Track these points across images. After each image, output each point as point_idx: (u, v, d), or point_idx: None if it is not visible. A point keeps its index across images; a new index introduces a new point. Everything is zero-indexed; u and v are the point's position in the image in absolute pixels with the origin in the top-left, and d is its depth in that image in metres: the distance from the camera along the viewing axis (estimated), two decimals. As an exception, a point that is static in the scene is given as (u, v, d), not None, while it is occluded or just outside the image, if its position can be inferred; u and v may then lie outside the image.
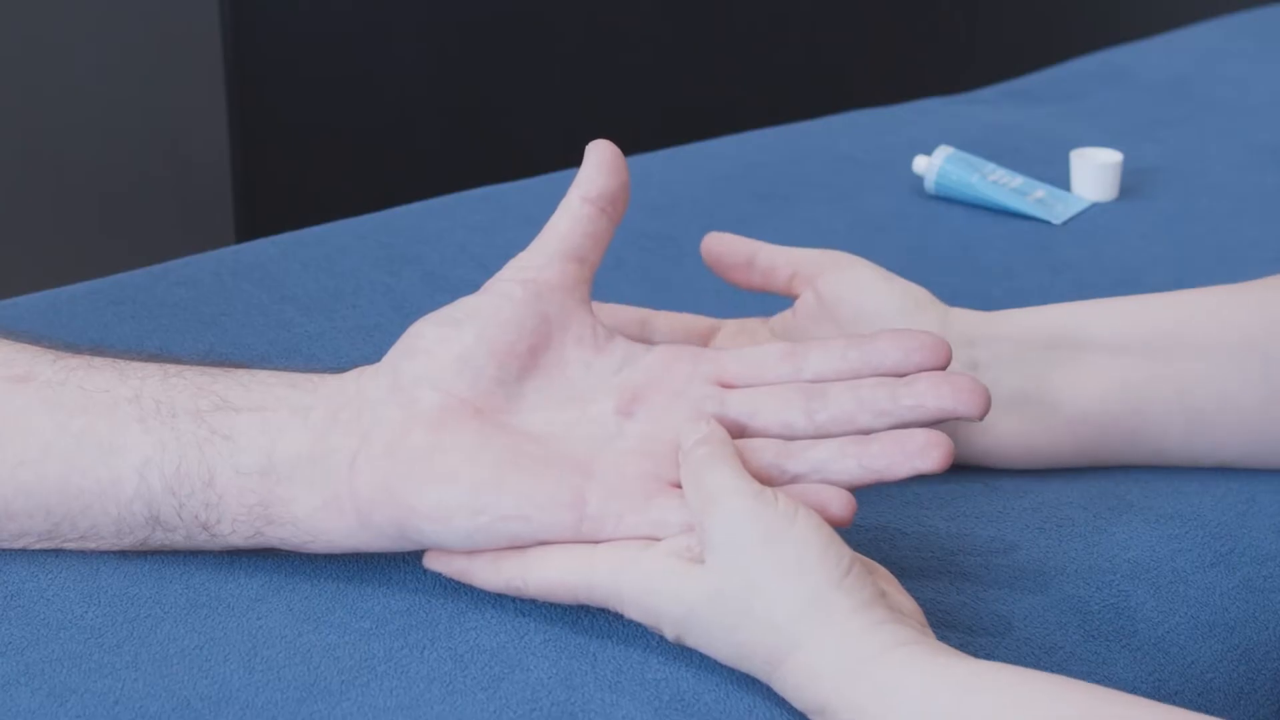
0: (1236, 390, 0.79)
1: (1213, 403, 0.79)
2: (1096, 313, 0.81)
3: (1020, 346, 0.80)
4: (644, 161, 1.19)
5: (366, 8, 1.88)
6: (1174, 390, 0.79)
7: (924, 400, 0.69)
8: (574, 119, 2.02)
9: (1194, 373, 0.79)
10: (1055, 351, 0.80)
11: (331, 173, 1.92)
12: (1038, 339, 0.80)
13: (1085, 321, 0.81)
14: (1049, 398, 0.79)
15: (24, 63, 1.85)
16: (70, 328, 0.91)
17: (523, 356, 0.71)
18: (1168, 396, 0.80)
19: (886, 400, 0.70)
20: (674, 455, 0.69)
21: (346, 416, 0.70)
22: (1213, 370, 0.79)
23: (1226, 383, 0.79)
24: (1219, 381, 0.79)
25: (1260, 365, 0.79)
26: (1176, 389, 0.79)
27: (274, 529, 0.70)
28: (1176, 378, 0.79)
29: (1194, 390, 0.79)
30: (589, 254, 0.73)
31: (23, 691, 0.65)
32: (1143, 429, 0.80)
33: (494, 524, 0.68)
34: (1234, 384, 0.79)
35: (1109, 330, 0.80)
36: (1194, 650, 0.74)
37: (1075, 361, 0.80)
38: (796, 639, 0.63)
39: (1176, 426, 0.80)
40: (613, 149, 0.73)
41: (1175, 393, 0.79)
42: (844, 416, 0.70)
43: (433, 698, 0.66)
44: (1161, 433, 0.80)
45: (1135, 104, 1.36)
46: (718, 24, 2.13)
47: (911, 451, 0.68)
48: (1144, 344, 0.80)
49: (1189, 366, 0.79)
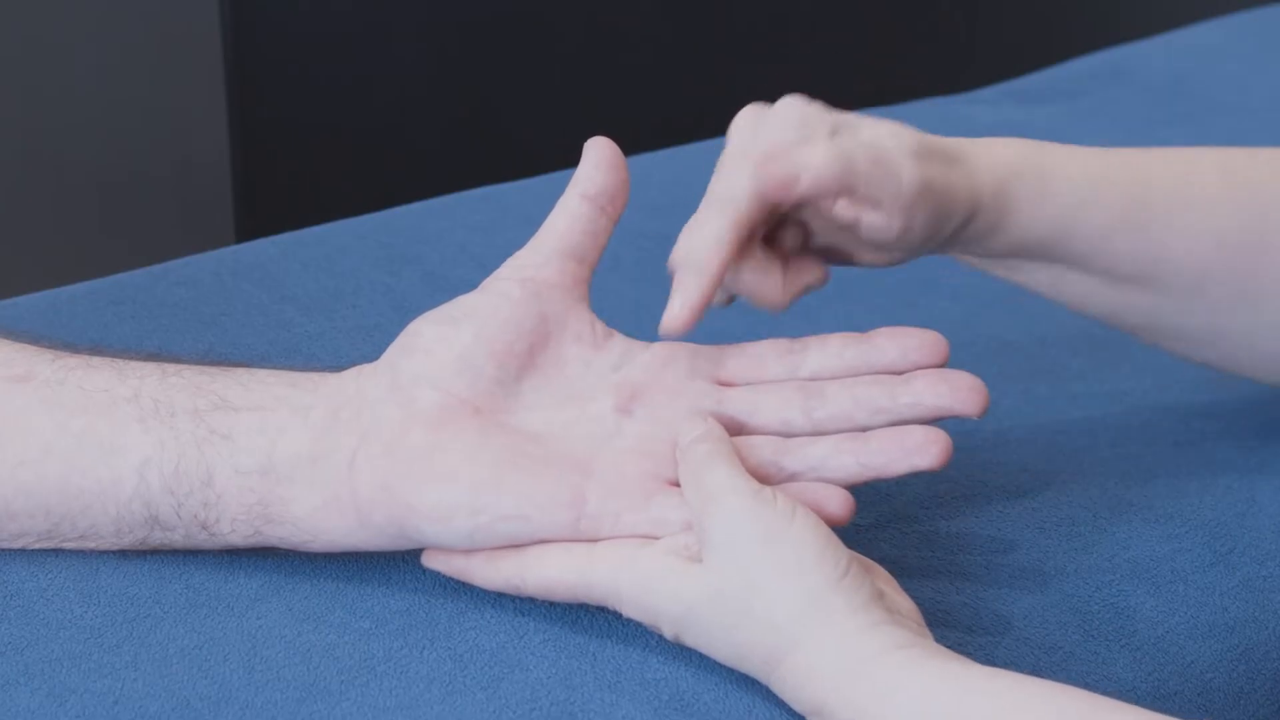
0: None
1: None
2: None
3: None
4: (644, 161, 1.19)
5: (367, 8, 1.88)
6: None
7: (922, 398, 0.69)
8: (574, 119, 2.02)
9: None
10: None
11: (331, 173, 1.92)
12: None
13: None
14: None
15: (24, 63, 1.85)
16: (70, 328, 0.91)
17: (521, 356, 0.71)
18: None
19: (884, 398, 0.70)
20: (672, 454, 0.69)
21: (346, 415, 0.70)
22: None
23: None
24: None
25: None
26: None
27: (273, 528, 0.70)
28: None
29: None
30: (588, 252, 0.73)
31: (22, 691, 0.65)
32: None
33: (493, 523, 0.68)
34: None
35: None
36: (1194, 650, 0.74)
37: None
38: (795, 639, 0.63)
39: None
40: (611, 146, 0.73)
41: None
42: (842, 414, 0.70)
43: (432, 698, 0.66)
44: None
45: (1135, 104, 1.36)
46: (718, 24, 2.13)
47: (909, 448, 0.68)
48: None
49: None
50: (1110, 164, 0.78)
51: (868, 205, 0.71)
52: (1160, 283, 0.78)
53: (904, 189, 0.71)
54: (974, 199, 0.74)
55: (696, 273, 0.69)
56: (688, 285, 0.69)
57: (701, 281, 0.69)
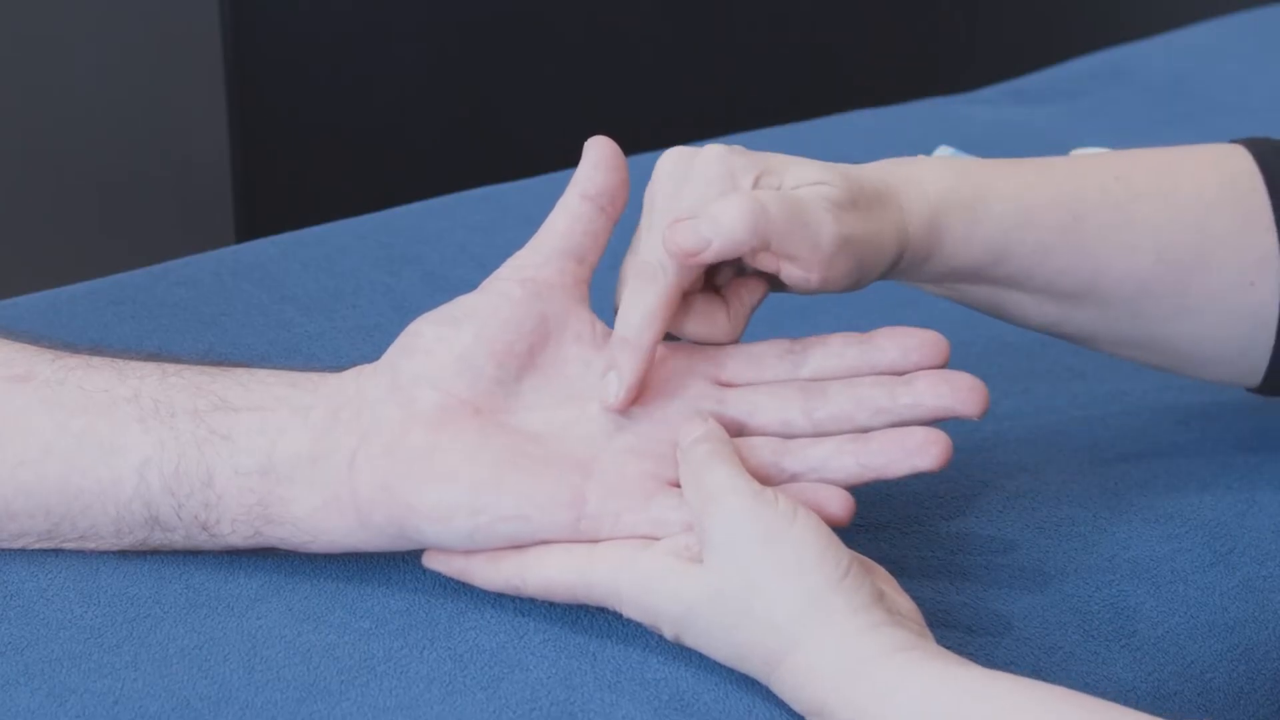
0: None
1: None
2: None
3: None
4: (644, 161, 1.18)
5: (367, 8, 1.88)
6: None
7: (922, 399, 0.69)
8: (574, 119, 2.02)
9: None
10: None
11: (331, 173, 1.92)
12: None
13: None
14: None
15: (24, 63, 1.85)
16: (70, 328, 0.91)
17: (522, 356, 0.71)
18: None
19: (885, 399, 0.70)
20: (673, 454, 0.69)
21: (346, 416, 0.70)
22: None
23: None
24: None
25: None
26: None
27: (273, 529, 0.70)
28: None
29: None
30: (588, 252, 0.73)
31: (22, 691, 0.65)
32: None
33: (493, 524, 0.68)
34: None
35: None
36: (1194, 650, 0.74)
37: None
38: (795, 639, 0.63)
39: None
40: (611, 146, 0.73)
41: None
42: (842, 415, 0.70)
43: (432, 698, 0.66)
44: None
45: (1135, 104, 1.36)
46: (718, 24, 2.13)
47: (910, 449, 0.68)
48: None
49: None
50: (1043, 181, 0.77)
51: (785, 258, 0.71)
52: (1099, 297, 0.77)
53: (822, 244, 0.70)
54: (901, 240, 0.73)
55: (631, 352, 0.69)
56: (622, 365, 0.70)
57: (635, 359, 0.69)
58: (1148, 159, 0.79)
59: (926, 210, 0.74)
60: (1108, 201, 0.76)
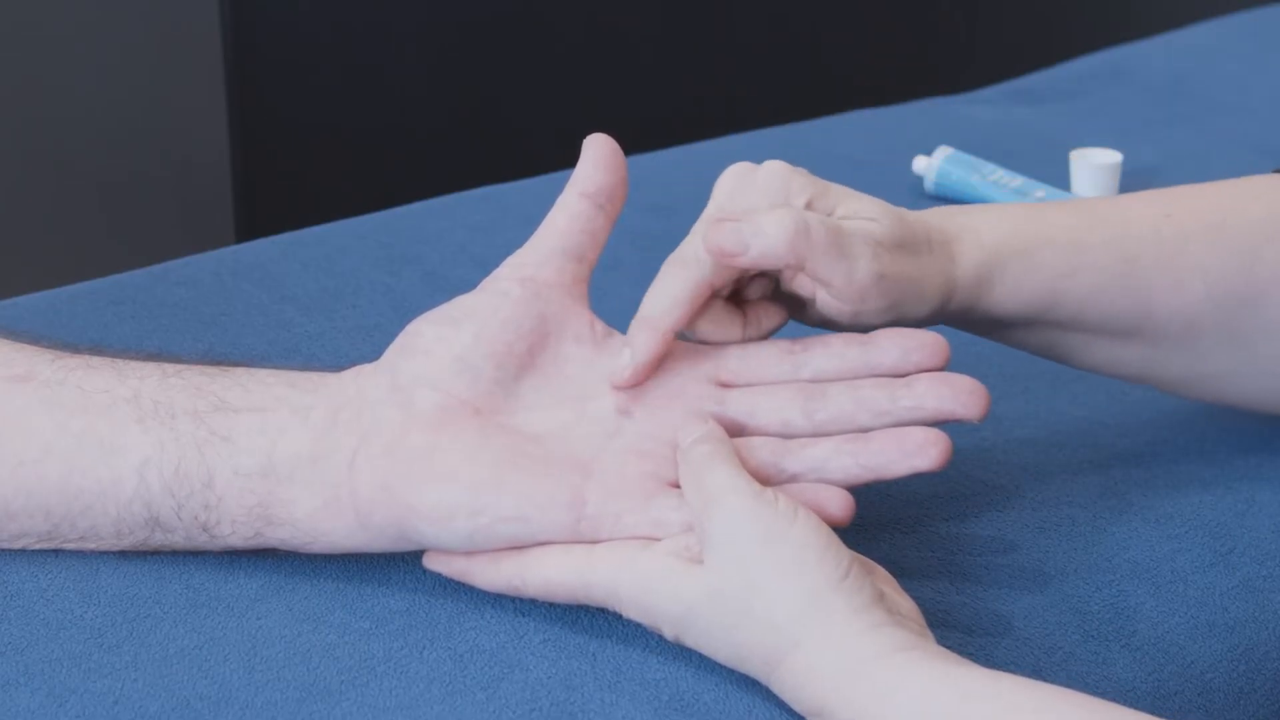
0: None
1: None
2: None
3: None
4: (644, 161, 1.19)
5: (366, 8, 1.88)
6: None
7: (923, 402, 0.69)
8: (574, 119, 2.02)
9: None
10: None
11: (331, 173, 1.92)
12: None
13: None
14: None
15: (24, 63, 1.85)
16: (70, 328, 0.91)
17: (521, 356, 0.71)
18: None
19: (885, 401, 0.70)
20: (673, 455, 0.69)
21: (346, 416, 0.70)
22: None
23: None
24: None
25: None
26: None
27: (274, 530, 0.70)
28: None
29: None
30: (587, 251, 0.73)
31: (23, 691, 0.65)
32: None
33: (493, 524, 0.68)
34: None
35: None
36: (1194, 650, 0.74)
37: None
38: (795, 639, 0.63)
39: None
40: (610, 144, 0.73)
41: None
42: (843, 416, 0.70)
43: (432, 698, 0.66)
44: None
45: (1135, 104, 1.36)
46: (718, 24, 2.13)
47: (909, 450, 0.68)
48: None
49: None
50: (1095, 224, 0.77)
51: (821, 284, 0.71)
52: (1149, 335, 0.78)
53: (856, 277, 0.71)
54: (948, 287, 0.74)
55: (650, 330, 0.70)
56: (638, 342, 0.70)
57: (652, 339, 0.70)
58: (1196, 196, 0.80)
59: (979, 258, 0.75)
60: (1158, 240, 0.77)
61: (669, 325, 0.70)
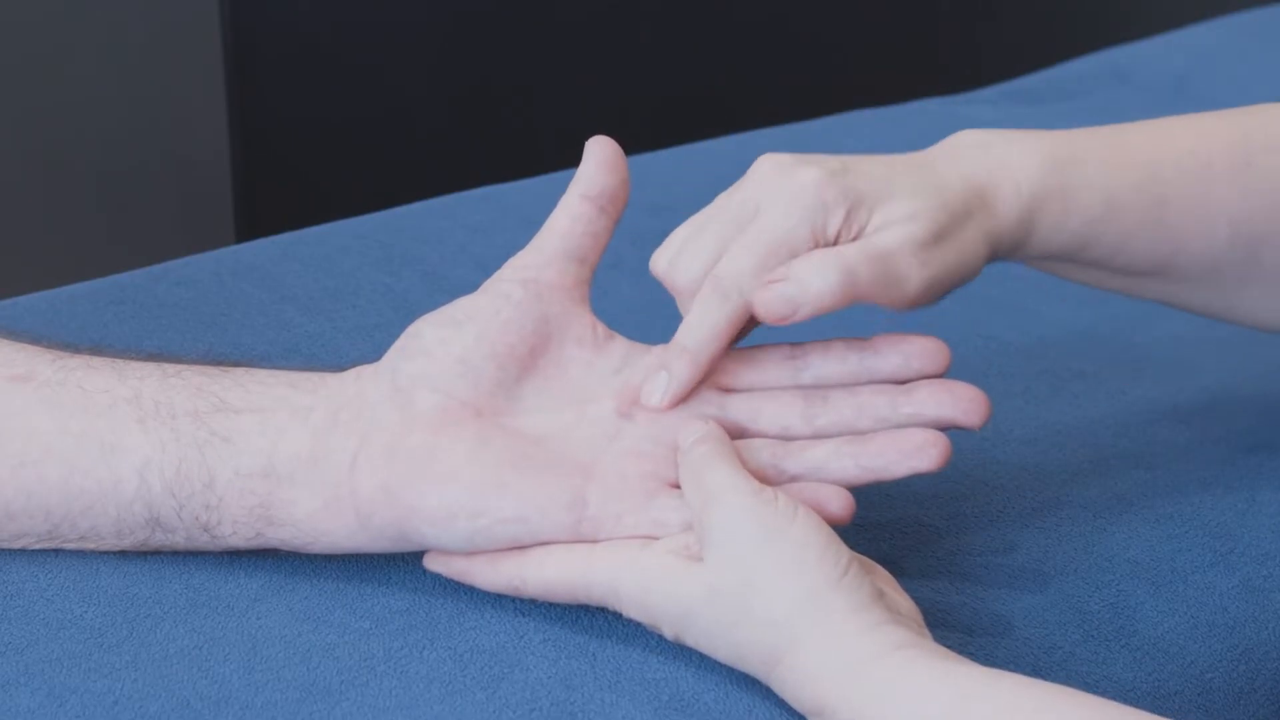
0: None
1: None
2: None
3: None
4: (644, 161, 1.19)
5: (366, 8, 1.88)
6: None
7: (923, 409, 0.69)
8: (574, 119, 2.02)
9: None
10: None
11: (331, 172, 1.92)
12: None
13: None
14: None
15: (24, 62, 1.85)
16: (70, 328, 0.91)
17: (523, 358, 0.71)
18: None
19: (886, 407, 0.70)
20: (673, 456, 0.69)
21: (346, 417, 0.70)
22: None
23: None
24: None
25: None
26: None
27: (275, 530, 0.70)
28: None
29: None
30: (589, 253, 0.73)
31: (23, 691, 0.65)
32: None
33: (494, 526, 0.68)
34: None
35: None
36: (1194, 650, 0.74)
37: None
38: (794, 638, 0.63)
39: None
40: (612, 146, 0.73)
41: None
42: (843, 422, 0.70)
43: (432, 697, 0.66)
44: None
45: (1135, 104, 1.36)
46: (718, 24, 2.13)
47: (908, 451, 0.68)
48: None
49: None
50: (1125, 161, 0.77)
51: (874, 302, 0.72)
52: (1175, 272, 0.78)
53: (909, 292, 0.71)
54: (992, 246, 0.74)
55: (689, 363, 0.70)
56: (677, 372, 0.70)
57: (690, 371, 0.70)
58: (1221, 127, 0.80)
59: (1018, 208, 0.74)
60: (1185, 181, 0.77)
61: (706, 359, 0.70)
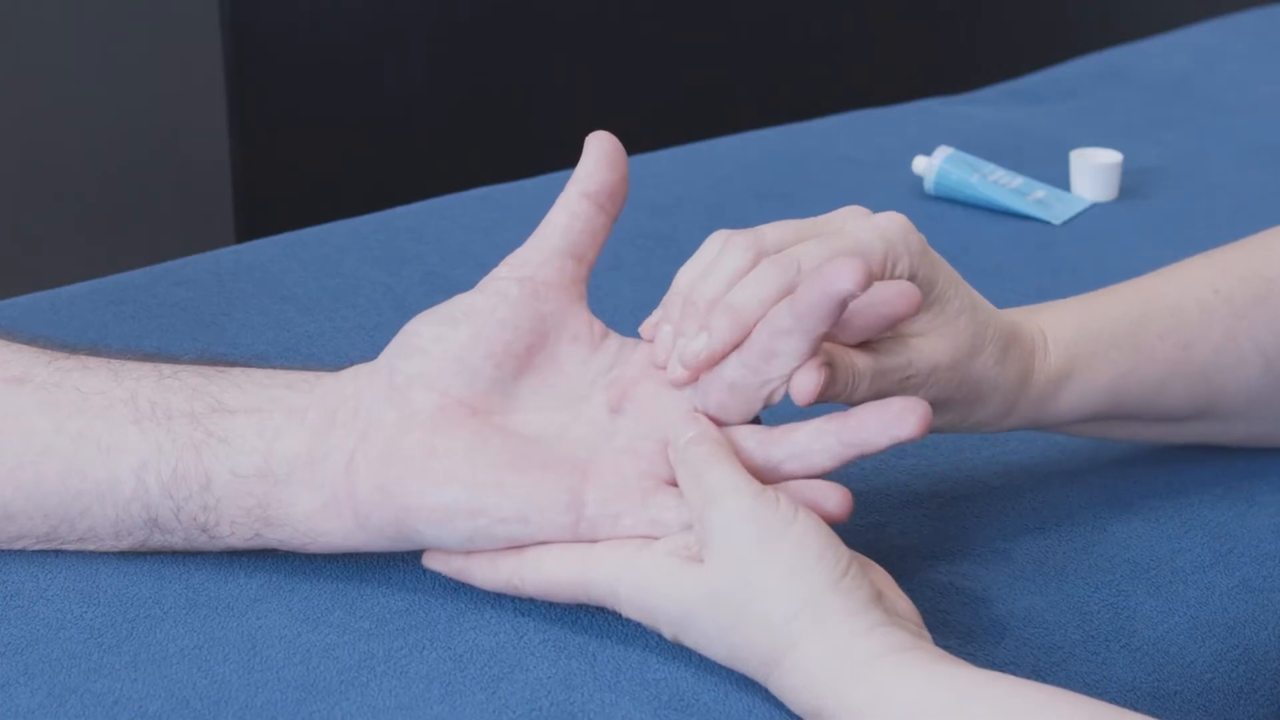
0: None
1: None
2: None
3: None
4: (644, 161, 1.19)
5: (366, 7, 1.88)
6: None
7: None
8: (574, 118, 2.02)
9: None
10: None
11: (331, 172, 1.92)
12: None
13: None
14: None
15: (24, 62, 1.85)
16: (70, 328, 0.91)
17: (519, 356, 0.71)
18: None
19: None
20: (666, 452, 0.69)
21: (343, 417, 0.70)
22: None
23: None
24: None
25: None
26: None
27: (272, 530, 0.70)
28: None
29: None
30: (586, 251, 0.72)
31: (22, 691, 0.65)
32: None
33: (492, 526, 0.67)
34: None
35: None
36: (1194, 650, 0.74)
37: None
38: (792, 639, 0.63)
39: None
40: (613, 141, 0.73)
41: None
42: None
43: (432, 698, 0.66)
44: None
45: (1135, 104, 1.36)
46: (718, 24, 2.13)
47: (888, 420, 0.68)
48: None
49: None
50: (1149, 309, 0.79)
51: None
52: (1212, 414, 0.80)
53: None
54: (1027, 375, 0.76)
55: (733, 322, 0.68)
56: (719, 327, 0.68)
57: (732, 331, 0.68)
58: (1238, 260, 0.82)
59: (1051, 365, 0.76)
60: (1210, 322, 0.79)
61: (749, 320, 0.68)
